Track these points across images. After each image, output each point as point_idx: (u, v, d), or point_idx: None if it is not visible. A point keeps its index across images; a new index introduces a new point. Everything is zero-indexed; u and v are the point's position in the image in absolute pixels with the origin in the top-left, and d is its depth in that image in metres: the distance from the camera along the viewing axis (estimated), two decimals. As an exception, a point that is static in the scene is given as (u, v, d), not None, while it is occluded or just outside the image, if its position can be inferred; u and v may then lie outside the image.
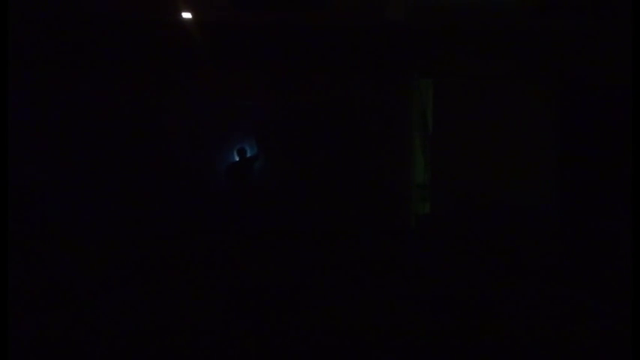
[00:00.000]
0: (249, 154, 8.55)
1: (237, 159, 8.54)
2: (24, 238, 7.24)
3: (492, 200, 8.56)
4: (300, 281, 5.42)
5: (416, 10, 7.98)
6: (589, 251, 7.09)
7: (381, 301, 4.74)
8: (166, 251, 6.92)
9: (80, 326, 4.02)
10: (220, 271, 5.97)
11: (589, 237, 7.84)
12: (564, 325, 4.13)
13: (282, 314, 4.34)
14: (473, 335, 3.88)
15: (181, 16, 8.24)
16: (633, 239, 3.67)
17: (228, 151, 8.59)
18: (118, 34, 8.44)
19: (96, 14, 8.28)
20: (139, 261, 6.36)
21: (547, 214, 8.61)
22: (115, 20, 8.36)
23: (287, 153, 8.65)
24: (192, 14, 8.23)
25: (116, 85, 8.49)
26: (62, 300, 4.69)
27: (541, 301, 4.79)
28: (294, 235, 8.06)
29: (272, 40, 8.58)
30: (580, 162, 8.65)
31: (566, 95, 8.80)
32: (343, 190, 8.60)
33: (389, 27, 8.52)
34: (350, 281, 5.45)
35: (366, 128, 8.67)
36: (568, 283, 5.39)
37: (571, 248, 7.52)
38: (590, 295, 4.93)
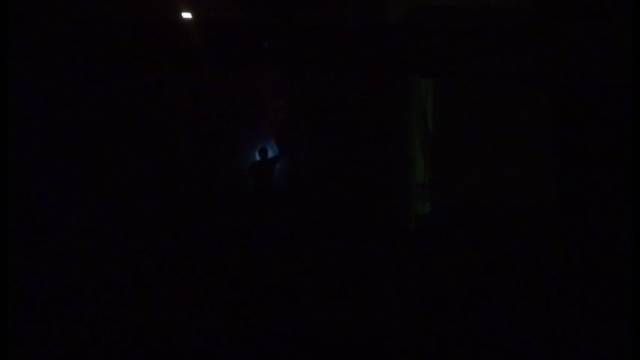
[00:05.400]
0: (270, 155, 8.46)
1: (258, 159, 8.44)
2: (24, 239, 7.23)
3: (492, 200, 8.55)
4: (299, 281, 5.42)
5: (416, 10, 7.97)
6: (589, 251, 7.09)
7: (381, 300, 4.75)
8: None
9: (81, 327, 4.02)
10: (222, 271, 5.97)
11: (589, 237, 7.83)
12: (564, 324, 4.13)
13: (281, 314, 4.34)
14: (472, 334, 3.88)
15: (181, 16, 8.24)
16: (633, 239, 3.67)
17: (227, 152, 8.58)
18: (118, 34, 8.43)
19: (96, 14, 8.28)
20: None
21: (547, 214, 8.60)
22: (114, 20, 8.35)
23: (285, 153, 8.65)
24: (192, 14, 8.23)
25: (115, 85, 8.47)
26: (62, 300, 4.69)
27: (541, 301, 4.79)
28: (293, 235, 8.05)
29: (272, 40, 8.57)
30: (580, 162, 8.64)
31: (566, 95, 8.80)
32: (343, 190, 8.58)
33: (389, 27, 8.52)
34: (350, 281, 5.45)
35: (366, 128, 8.67)
36: (568, 283, 5.40)
37: (571, 248, 7.51)
38: (591, 295, 4.94)
